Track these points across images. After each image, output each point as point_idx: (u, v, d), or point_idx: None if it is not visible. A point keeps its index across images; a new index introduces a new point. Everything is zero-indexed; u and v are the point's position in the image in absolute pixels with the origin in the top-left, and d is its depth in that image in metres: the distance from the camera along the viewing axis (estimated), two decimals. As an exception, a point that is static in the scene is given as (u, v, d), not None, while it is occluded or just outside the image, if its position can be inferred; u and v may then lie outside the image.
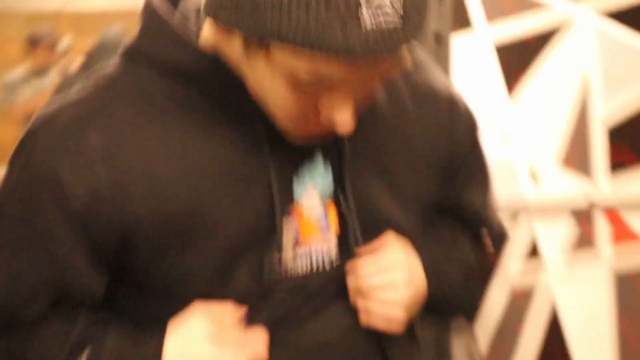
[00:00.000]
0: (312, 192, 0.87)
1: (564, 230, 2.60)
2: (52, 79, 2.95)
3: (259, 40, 0.74)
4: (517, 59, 2.48)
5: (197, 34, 0.84)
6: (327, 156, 0.88)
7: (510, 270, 2.53)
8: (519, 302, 2.54)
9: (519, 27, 2.48)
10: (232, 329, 0.80)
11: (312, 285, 0.89)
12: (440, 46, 2.25)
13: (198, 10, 0.85)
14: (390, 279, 0.88)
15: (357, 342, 0.92)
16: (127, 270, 0.86)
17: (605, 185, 2.54)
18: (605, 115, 2.54)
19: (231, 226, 0.83)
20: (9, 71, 3.03)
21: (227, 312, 0.83)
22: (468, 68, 2.44)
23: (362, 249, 0.88)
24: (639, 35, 2.48)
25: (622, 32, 2.51)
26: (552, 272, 2.56)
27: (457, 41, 2.29)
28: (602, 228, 2.56)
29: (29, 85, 2.89)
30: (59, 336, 0.87)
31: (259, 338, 0.83)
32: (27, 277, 0.85)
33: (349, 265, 0.88)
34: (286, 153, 0.85)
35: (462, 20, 2.40)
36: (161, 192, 0.81)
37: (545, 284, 2.57)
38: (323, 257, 0.89)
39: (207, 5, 0.78)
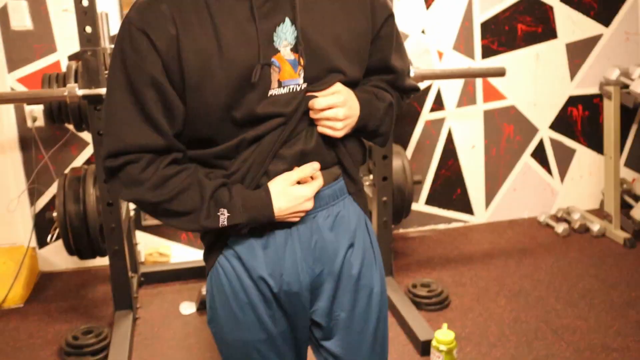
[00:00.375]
0: (285, 44, 1.10)
1: (457, 87, 3.42)
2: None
3: None
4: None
5: None
6: (293, 21, 1.10)
7: (425, 110, 3.40)
8: (430, 129, 3.44)
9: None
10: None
11: (290, 103, 1.12)
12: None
13: None
14: (333, 102, 1.13)
15: (321, 150, 1.19)
16: (186, 103, 1.09)
17: (480, 62, 3.42)
18: (482, 21, 3.35)
19: (239, 62, 1.06)
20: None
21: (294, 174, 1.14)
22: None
23: (319, 93, 1.13)
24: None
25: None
26: (449, 111, 3.45)
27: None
28: (478, 88, 3.46)
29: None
30: (195, 197, 1.11)
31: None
32: (149, 97, 1.08)
33: (311, 99, 1.13)
34: (267, 21, 1.09)
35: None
36: (200, 42, 1.06)
37: (446, 118, 3.43)
38: (295, 85, 1.13)
39: None
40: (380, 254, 1.34)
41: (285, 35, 1.11)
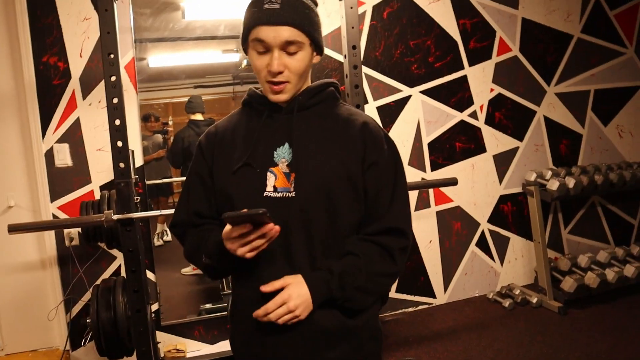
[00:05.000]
0: (283, 161, 1.19)
1: (414, 195, 3.39)
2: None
3: (244, 39, 1.17)
4: (388, 114, 3.28)
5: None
6: (291, 145, 1.18)
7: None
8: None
9: (389, 99, 3.24)
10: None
11: (281, 204, 1.16)
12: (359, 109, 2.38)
13: None
14: (279, 301, 1.12)
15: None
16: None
17: (430, 174, 3.41)
18: (428, 141, 3.41)
19: (244, 170, 1.20)
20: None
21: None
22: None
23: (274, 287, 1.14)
24: (438, 103, 3.31)
25: (431, 101, 3.35)
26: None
27: (366, 108, 2.58)
28: (431, 194, 3.46)
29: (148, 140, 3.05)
30: (200, 244, 1.24)
31: None
32: (197, 194, 1.28)
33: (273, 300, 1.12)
34: (269, 142, 1.21)
35: (365, 100, 3.00)
36: (227, 151, 1.23)
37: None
38: (286, 192, 1.17)
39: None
40: None
41: (283, 154, 1.19)
